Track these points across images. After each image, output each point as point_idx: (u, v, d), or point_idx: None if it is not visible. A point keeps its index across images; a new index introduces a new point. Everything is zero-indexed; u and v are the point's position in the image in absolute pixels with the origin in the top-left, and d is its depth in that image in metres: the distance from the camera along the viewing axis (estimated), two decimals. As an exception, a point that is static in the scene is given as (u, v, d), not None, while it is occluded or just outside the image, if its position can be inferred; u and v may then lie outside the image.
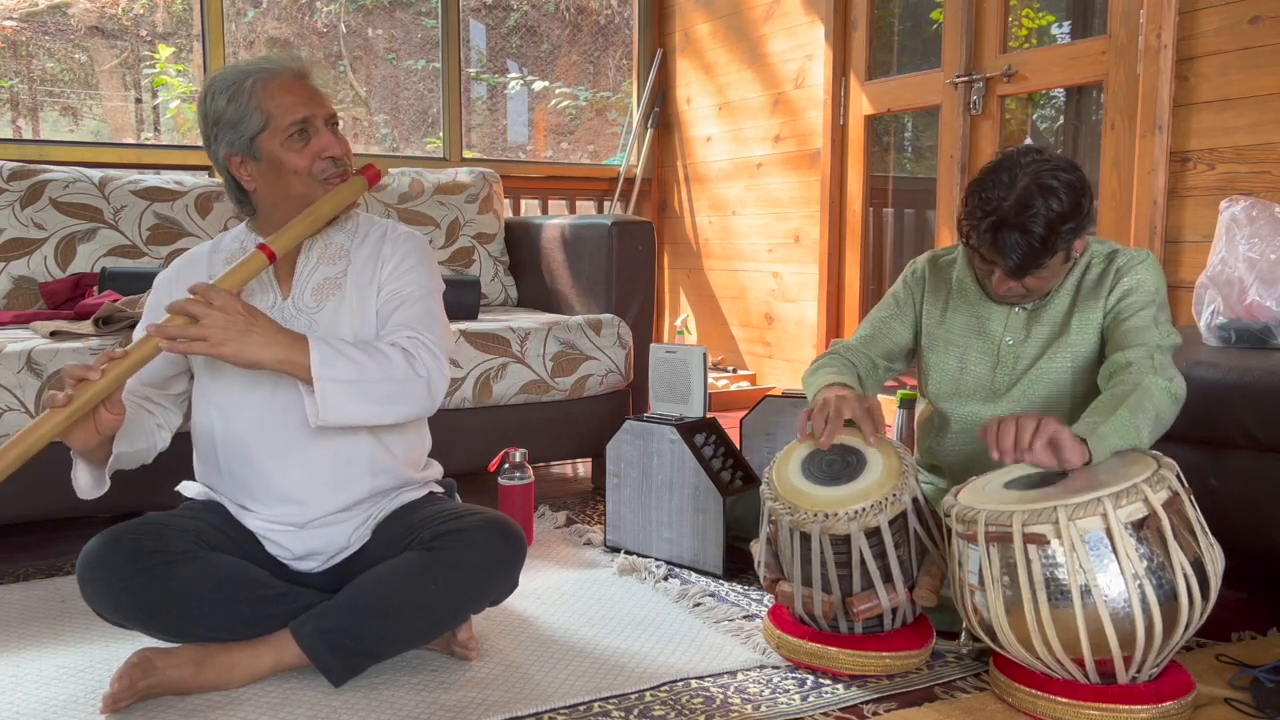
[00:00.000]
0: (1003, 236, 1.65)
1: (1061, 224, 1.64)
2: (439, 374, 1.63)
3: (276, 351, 1.50)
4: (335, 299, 1.68)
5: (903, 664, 1.63)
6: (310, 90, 1.66)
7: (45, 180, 2.75)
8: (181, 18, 4.73)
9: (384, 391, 1.57)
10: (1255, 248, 2.10)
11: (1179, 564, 1.41)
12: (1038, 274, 1.70)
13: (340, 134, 1.68)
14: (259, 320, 1.50)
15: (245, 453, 1.65)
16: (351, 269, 1.71)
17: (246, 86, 1.61)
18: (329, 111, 1.66)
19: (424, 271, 1.73)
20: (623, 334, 2.74)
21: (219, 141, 1.64)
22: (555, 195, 4.37)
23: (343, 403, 1.53)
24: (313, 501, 1.66)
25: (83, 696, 1.54)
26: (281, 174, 1.63)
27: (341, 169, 1.66)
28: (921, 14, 3.87)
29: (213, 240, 1.79)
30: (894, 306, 1.98)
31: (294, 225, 1.59)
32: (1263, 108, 2.49)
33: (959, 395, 1.87)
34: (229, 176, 1.68)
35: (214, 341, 1.46)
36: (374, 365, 1.56)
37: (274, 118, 1.61)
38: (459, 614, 1.62)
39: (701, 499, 2.12)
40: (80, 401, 1.41)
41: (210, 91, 1.64)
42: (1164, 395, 1.59)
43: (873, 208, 3.83)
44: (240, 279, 1.54)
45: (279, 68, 1.64)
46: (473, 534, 1.59)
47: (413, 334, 1.63)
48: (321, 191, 1.64)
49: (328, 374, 1.52)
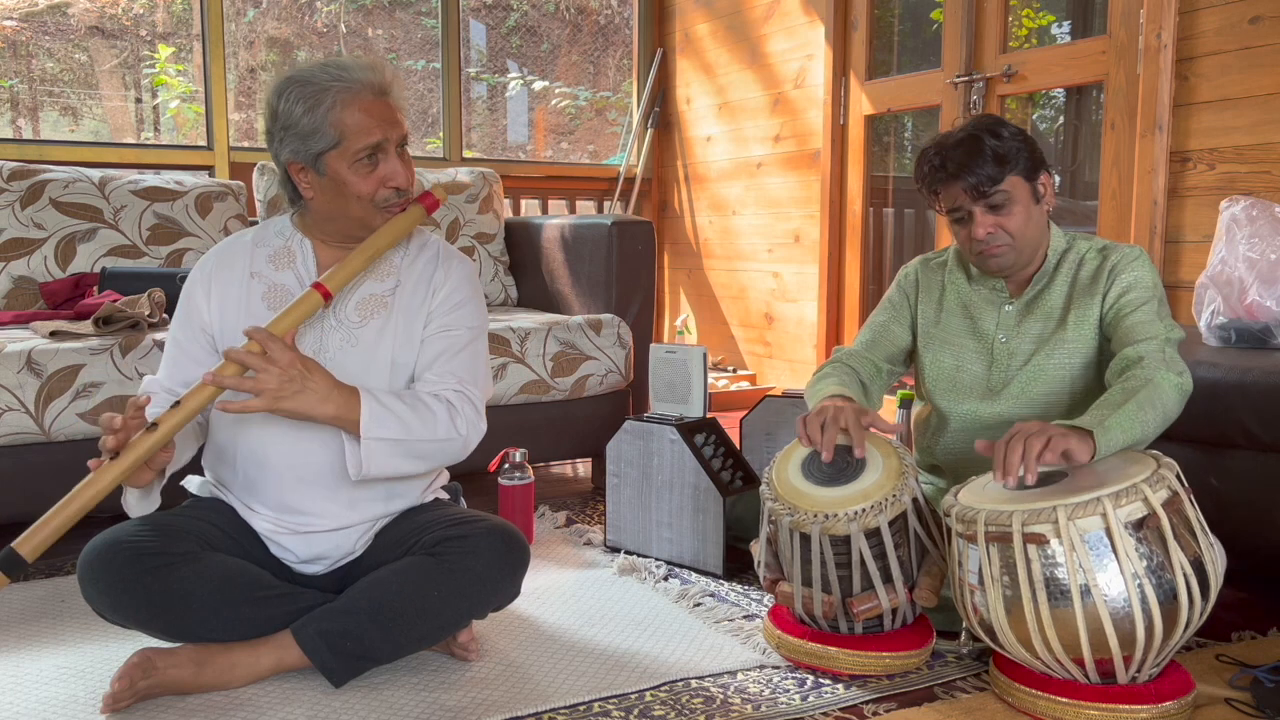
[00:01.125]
0: (954, 154, 1.71)
1: (1012, 140, 1.71)
2: (477, 431, 1.64)
3: (329, 409, 1.51)
4: (381, 318, 1.66)
5: (903, 664, 1.63)
6: (388, 111, 1.59)
7: (45, 180, 2.75)
8: (181, 18, 4.73)
9: (424, 450, 1.59)
10: (1255, 248, 2.10)
11: (1179, 564, 1.41)
12: (1006, 202, 1.72)
13: (408, 157, 1.63)
14: (315, 375, 1.50)
15: (263, 460, 1.64)
16: (401, 290, 1.68)
17: (326, 101, 1.55)
18: (402, 133, 1.61)
19: (474, 308, 1.72)
20: (623, 334, 2.74)
21: (283, 145, 1.59)
22: (555, 195, 4.37)
23: (384, 460, 1.56)
24: (325, 515, 1.66)
25: (83, 696, 1.54)
26: (343, 194, 1.59)
27: (403, 199, 1.62)
28: (921, 14, 3.87)
29: (254, 230, 1.75)
30: (890, 310, 1.99)
31: (351, 261, 1.57)
32: (1263, 108, 2.49)
33: (957, 395, 1.87)
34: (286, 176, 1.64)
35: (270, 398, 1.47)
36: (419, 424, 1.57)
37: (347, 139, 1.55)
38: (460, 620, 1.61)
39: (701, 499, 2.12)
40: (137, 454, 1.44)
41: (285, 92, 1.57)
42: (1174, 391, 1.59)
43: (873, 208, 3.83)
44: (294, 321, 1.52)
45: (363, 84, 1.57)
46: (477, 541, 1.59)
47: (460, 388, 1.63)
48: (379, 219, 1.61)
49: (375, 433, 1.53)
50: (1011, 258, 1.78)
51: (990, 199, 1.72)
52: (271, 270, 1.68)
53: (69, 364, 2.11)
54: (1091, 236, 1.84)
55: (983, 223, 1.73)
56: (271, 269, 1.68)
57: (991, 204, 1.73)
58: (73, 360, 2.11)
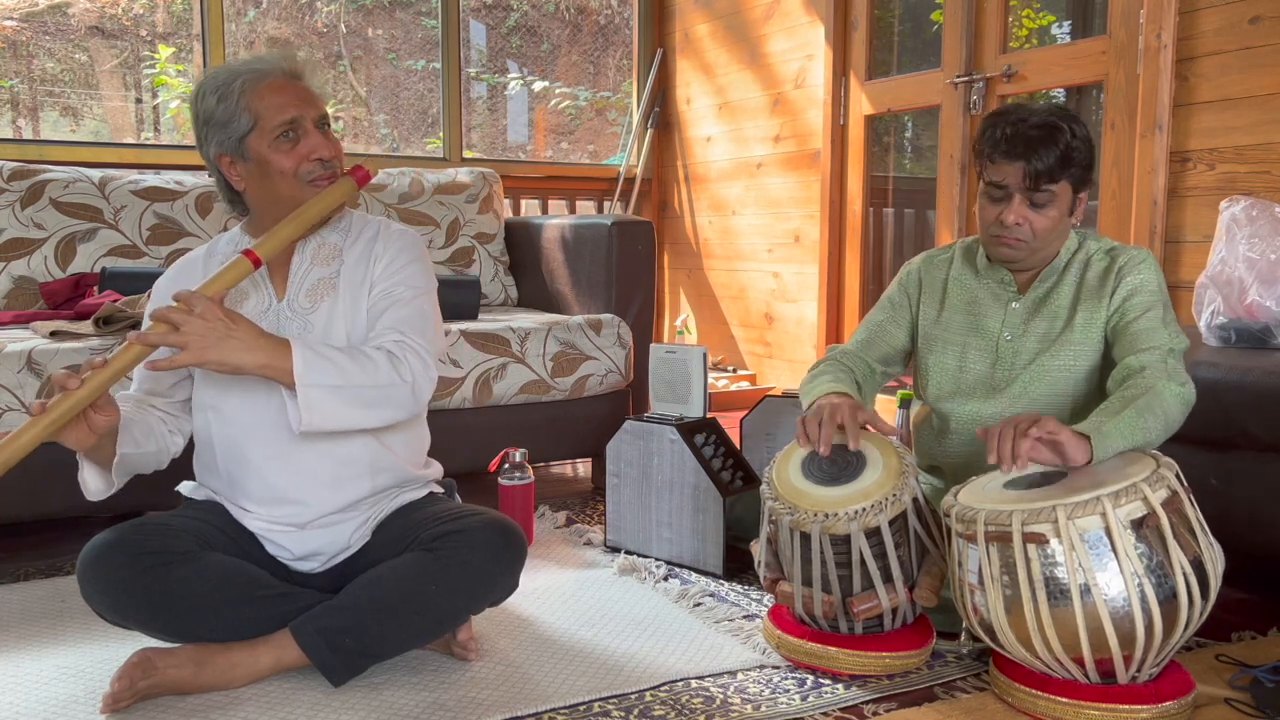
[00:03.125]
0: (1030, 135, 1.69)
1: (1082, 144, 1.70)
2: (425, 378, 1.62)
3: (258, 356, 1.49)
4: (329, 299, 1.68)
5: (903, 664, 1.63)
6: (301, 90, 1.65)
7: (45, 180, 2.75)
8: (181, 18, 4.73)
9: (368, 397, 1.56)
10: (1255, 248, 2.10)
11: (1179, 563, 1.41)
12: (1048, 202, 1.71)
13: (332, 135, 1.67)
14: (240, 325, 1.49)
15: (242, 455, 1.65)
16: (344, 269, 1.70)
17: (236, 87, 1.60)
18: (319, 112, 1.65)
19: (416, 270, 1.72)
20: (623, 334, 2.74)
21: (209, 141, 1.64)
22: (555, 195, 4.37)
23: (326, 407, 1.52)
24: (312, 502, 1.66)
25: (83, 696, 1.54)
26: (269, 175, 1.63)
27: (330, 171, 1.65)
28: (921, 14, 3.87)
29: (209, 243, 1.79)
30: (889, 310, 1.98)
31: (280, 229, 1.58)
32: (1263, 108, 2.49)
33: (959, 394, 1.86)
34: (220, 176, 1.68)
35: (195, 349, 1.44)
36: (358, 370, 1.55)
37: (262, 118, 1.60)
38: (459, 614, 1.62)
39: (701, 499, 2.12)
40: (60, 411, 1.40)
41: (201, 91, 1.64)
42: (1176, 401, 1.58)
43: (873, 208, 3.83)
44: (224, 284, 1.52)
45: (269, 68, 1.63)
46: (473, 535, 1.59)
47: (401, 338, 1.62)
48: (309, 193, 1.63)
49: (311, 379, 1.51)
50: (1023, 254, 1.77)
51: (1037, 193, 1.71)
52: None
53: (69, 364, 2.11)
54: (1100, 237, 1.84)
55: (1017, 211, 1.72)
56: None
57: (1035, 199, 1.72)
58: (73, 360, 2.11)
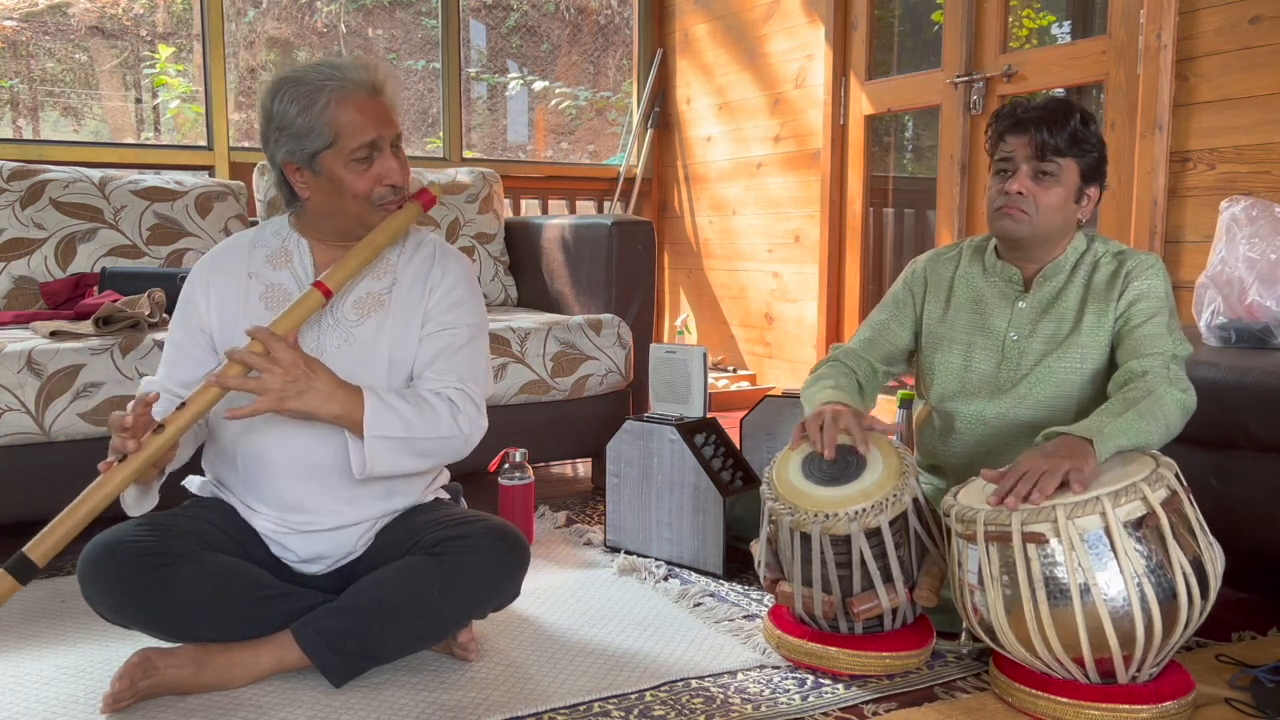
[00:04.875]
0: (1041, 108, 1.75)
1: (1093, 135, 1.74)
2: (478, 429, 1.65)
3: (334, 408, 1.52)
4: (378, 316, 1.67)
5: (903, 664, 1.63)
6: (381, 109, 1.60)
7: (45, 180, 2.75)
8: (181, 18, 4.73)
9: (426, 448, 1.60)
10: (1255, 248, 2.10)
11: (1178, 563, 1.41)
12: (1053, 173, 1.73)
13: (403, 154, 1.64)
14: (319, 374, 1.51)
15: (264, 460, 1.65)
16: (397, 288, 1.68)
17: (320, 100, 1.56)
18: (396, 131, 1.62)
19: (472, 306, 1.72)
20: (623, 334, 2.74)
21: (278, 145, 1.60)
22: (555, 195, 4.37)
23: (387, 457, 1.57)
24: (326, 514, 1.66)
25: (83, 696, 1.54)
26: (339, 193, 1.60)
27: (399, 196, 1.63)
28: (921, 14, 3.87)
29: (252, 231, 1.76)
30: (893, 308, 1.98)
31: (350, 260, 1.58)
32: (1263, 108, 2.49)
33: (964, 394, 1.85)
34: (280, 176, 1.65)
35: (274, 398, 1.47)
36: (422, 423, 1.58)
37: (342, 138, 1.56)
38: (461, 619, 1.62)
39: (701, 499, 2.12)
40: (145, 456, 1.44)
41: (279, 93, 1.58)
42: (1176, 407, 1.59)
43: (873, 208, 3.83)
44: (296, 321, 1.53)
45: (356, 83, 1.58)
46: (477, 540, 1.59)
47: (461, 386, 1.64)
48: (377, 217, 1.62)
49: (377, 431, 1.54)
50: (1026, 229, 1.75)
51: (1043, 164, 1.73)
52: (269, 270, 1.68)
53: (69, 364, 2.11)
54: (1109, 240, 1.83)
55: (1021, 180, 1.74)
56: (269, 269, 1.68)
57: (1042, 169, 1.73)
58: (73, 360, 2.11)
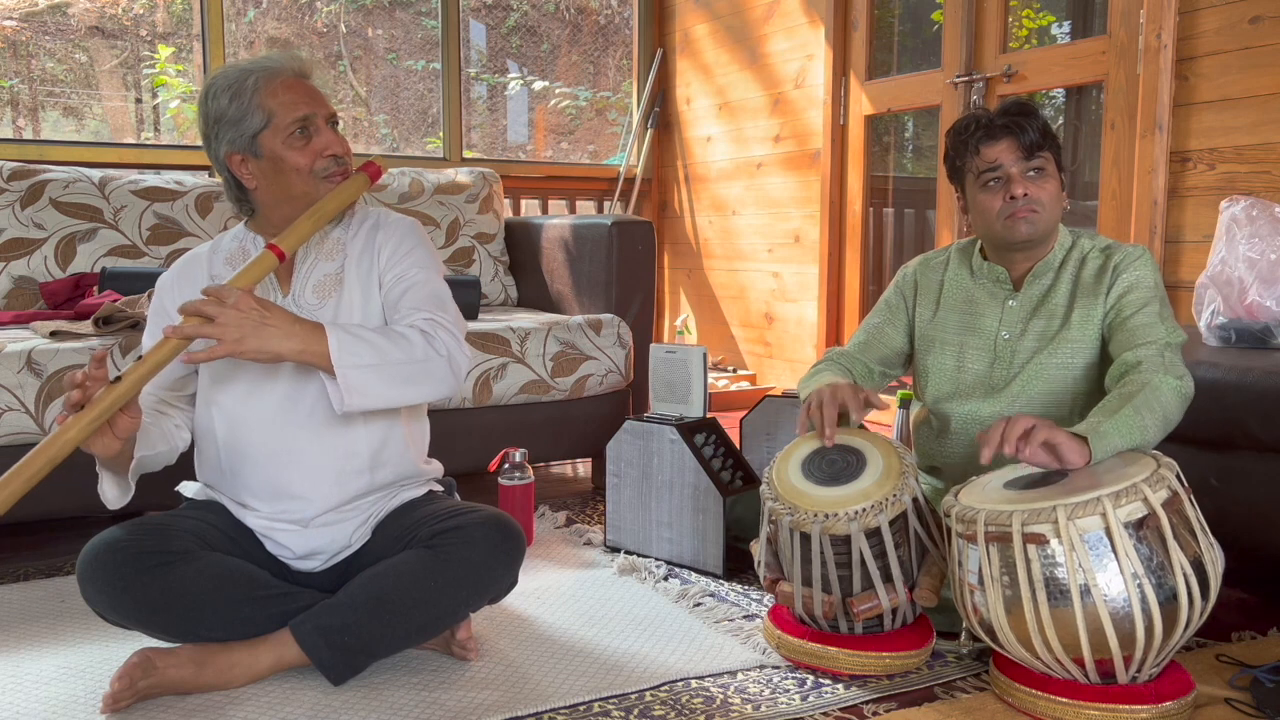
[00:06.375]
0: (1006, 113, 1.76)
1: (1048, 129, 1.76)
2: (459, 351, 1.63)
3: (294, 343, 1.49)
4: (336, 294, 1.69)
5: (903, 664, 1.63)
6: (311, 89, 1.67)
7: (45, 180, 2.75)
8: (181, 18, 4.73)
9: (406, 373, 1.57)
10: (1255, 248, 2.10)
11: (1179, 563, 1.41)
12: (1045, 166, 1.75)
13: (340, 133, 1.69)
14: (274, 313, 1.49)
15: (245, 450, 1.65)
16: (349, 262, 1.71)
17: (249, 85, 1.61)
18: (329, 110, 1.67)
19: (423, 253, 1.74)
20: (623, 334, 2.74)
21: (219, 140, 1.64)
22: (555, 195, 4.37)
23: (365, 387, 1.53)
24: (314, 497, 1.66)
25: (83, 696, 1.54)
26: (283, 172, 1.63)
27: (343, 167, 1.66)
28: (921, 14, 3.87)
29: (211, 241, 1.79)
30: (886, 312, 1.99)
31: (300, 224, 1.59)
32: (1263, 108, 2.49)
33: (958, 395, 1.86)
34: (229, 175, 1.68)
35: (232, 339, 1.44)
36: (394, 348, 1.56)
37: (276, 115, 1.61)
38: (459, 611, 1.62)
39: (701, 499, 2.12)
40: (102, 406, 1.40)
41: (212, 90, 1.64)
42: (1173, 394, 1.58)
43: (873, 208, 3.83)
44: (251, 279, 1.53)
45: (281, 66, 1.65)
46: (472, 531, 1.60)
47: (428, 315, 1.64)
48: (323, 190, 1.64)
49: (348, 361, 1.52)
50: (1042, 226, 1.77)
51: (1034, 161, 1.75)
52: (229, 271, 1.70)
53: (69, 364, 2.11)
54: (1095, 235, 1.84)
55: (1021, 182, 1.75)
56: (229, 270, 1.70)
57: (1034, 166, 1.75)
58: (73, 360, 2.11)
